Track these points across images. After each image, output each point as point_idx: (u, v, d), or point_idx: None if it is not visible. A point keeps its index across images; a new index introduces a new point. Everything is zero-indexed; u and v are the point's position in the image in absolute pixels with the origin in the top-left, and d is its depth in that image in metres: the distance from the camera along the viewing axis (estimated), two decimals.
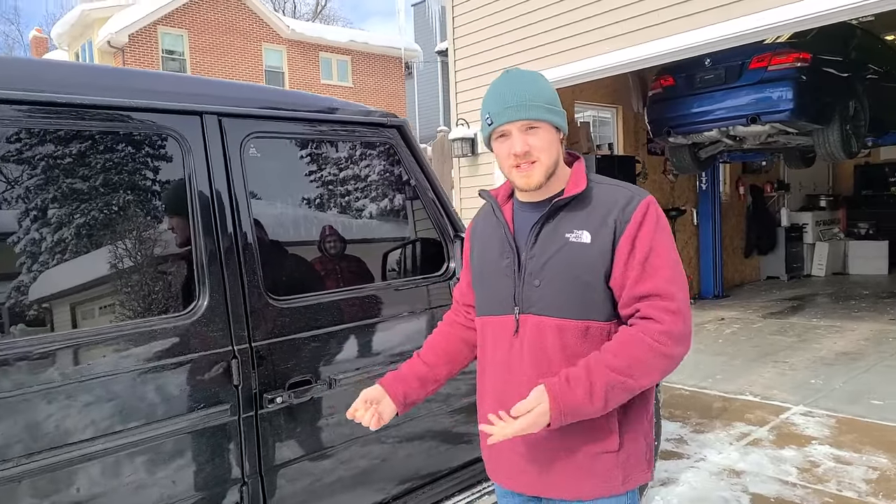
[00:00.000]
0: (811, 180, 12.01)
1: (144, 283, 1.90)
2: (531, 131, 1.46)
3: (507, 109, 1.45)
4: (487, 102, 1.51)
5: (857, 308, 8.12)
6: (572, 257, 1.45)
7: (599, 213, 1.46)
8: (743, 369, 5.66)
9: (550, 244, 1.47)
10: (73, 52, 19.74)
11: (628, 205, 1.45)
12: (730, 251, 10.23)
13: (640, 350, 1.38)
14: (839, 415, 4.38)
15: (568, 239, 1.46)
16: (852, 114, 6.61)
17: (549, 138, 1.47)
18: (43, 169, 1.75)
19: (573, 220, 1.47)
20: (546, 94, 1.49)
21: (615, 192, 1.49)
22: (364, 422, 1.61)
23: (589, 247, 1.44)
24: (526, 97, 1.45)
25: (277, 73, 19.92)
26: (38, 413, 1.64)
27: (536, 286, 1.48)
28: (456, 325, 1.78)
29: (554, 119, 1.48)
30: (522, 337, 1.50)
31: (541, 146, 1.46)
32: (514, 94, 1.46)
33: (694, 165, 7.85)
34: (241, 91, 2.26)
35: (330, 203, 2.40)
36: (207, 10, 18.42)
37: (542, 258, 1.48)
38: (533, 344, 1.48)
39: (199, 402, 1.91)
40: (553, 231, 1.48)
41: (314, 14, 33.40)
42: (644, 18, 5.47)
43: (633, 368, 1.37)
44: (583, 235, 1.45)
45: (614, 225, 1.43)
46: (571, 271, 1.45)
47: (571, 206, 1.48)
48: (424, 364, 1.72)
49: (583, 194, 1.48)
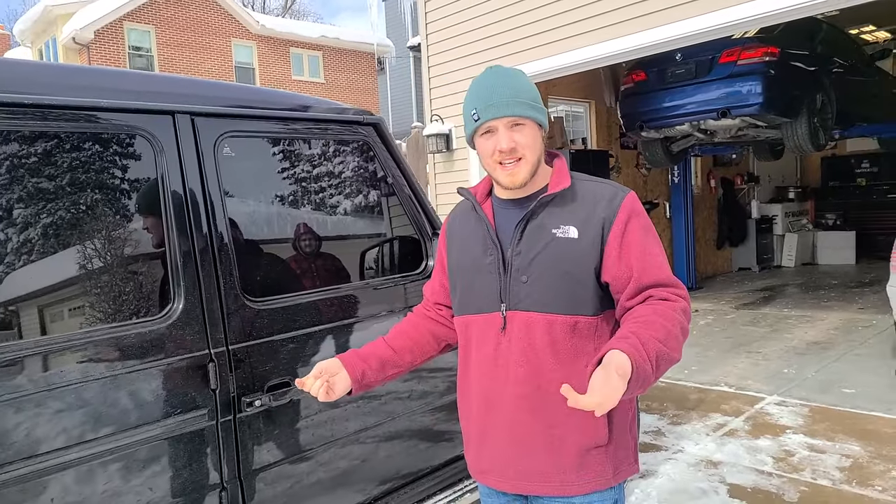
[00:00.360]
0: (780, 172, 12.25)
1: (118, 286, 1.85)
2: (517, 128, 1.46)
3: (494, 106, 1.45)
4: (472, 98, 1.50)
5: (827, 298, 8.31)
6: (560, 252, 1.45)
7: (585, 208, 1.47)
8: (717, 360, 5.75)
9: (537, 240, 1.47)
10: (37, 49, 19.23)
11: (613, 200, 1.47)
12: (702, 243, 10.39)
13: (671, 324, 1.36)
14: (812, 404, 4.47)
15: (555, 234, 1.46)
16: (819, 107, 6.75)
17: (533, 135, 1.48)
18: (9, 171, 1.70)
19: (559, 215, 1.48)
20: (530, 91, 1.49)
21: (598, 188, 1.52)
22: (312, 391, 1.52)
23: (577, 241, 1.45)
24: (512, 94, 1.45)
25: (248, 70, 19.65)
26: (6, 422, 1.59)
27: (524, 282, 1.47)
28: (426, 318, 1.76)
29: (538, 116, 1.48)
30: (510, 334, 1.49)
31: (526, 143, 1.46)
32: (501, 90, 1.45)
33: (666, 159, 7.94)
34: (215, 90, 2.22)
35: (306, 202, 2.37)
36: (175, 6, 18.08)
37: (529, 254, 1.47)
38: (521, 340, 1.48)
39: (176, 408, 1.87)
40: (539, 227, 1.48)
41: (284, 9, 33.02)
42: (616, 14, 5.51)
43: (668, 340, 1.34)
44: (570, 230, 1.46)
45: (602, 221, 1.45)
46: (560, 266, 1.45)
47: (556, 203, 1.49)
48: (390, 347, 1.68)
49: (567, 190, 1.49)
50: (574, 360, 1.46)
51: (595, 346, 1.47)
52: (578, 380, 1.45)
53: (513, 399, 1.49)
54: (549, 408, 1.46)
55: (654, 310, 1.39)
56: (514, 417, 1.50)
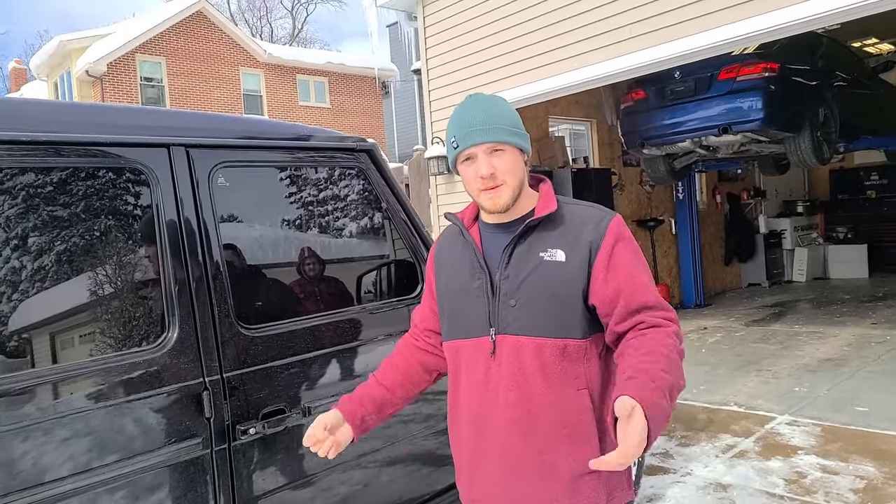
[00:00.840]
0: (787, 186, 12.18)
1: (113, 316, 1.87)
2: (496, 154, 1.47)
3: (473, 132, 1.47)
4: (452, 126, 1.53)
5: (839, 313, 8.20)
6: (548, 276, 1.46)
7: (572, 232, 1.48)
8: (727, 379, 5.68)
9: (525, 264, 1.48)
10: (52, 83, 19.63)
11: (600, 224, 1.48)
12: (710, 259, 10.32)
13: (670, 351, 1.36)
14: (824, 423, 4.39)
15: (542, 258, 1.47)
16: (822, 121, 6.73)
17: (513, 160, 1.49)
18: (8, 205, 1.73)
19: (546, 239, 1.48)
20: (509, 118, 1.51)
21: (585, 211, 1.52)
22: (321, 453, 1.56)
23: (564, 265, 1.45)
24: (490, 120, 1.47)
25: (255, 97, 19.93)
26: (7, 452, 1.60)
27: (512, 306, 1.48)
28: (414, 349, 1.75)
29: (518, 141, 1.49)
30: (500, 358, 1.49)
31: (505, 168, 1.47)
32: (479, 118, 1.47)
33: (669, 176, 7.94)
34: (209, 122, 2.26)
35: (301, 229, 2.39)
36: (185, 38, 18.44)
37: (517, 278, 1.48)
38: (511, 364, 1.47)
39: (171, 437, 1.87)
40: (526, 251, 1.49)
41: (291, 37, 33.55)
42: (613, 34, 5.56)
43: (671, 369, 1.33)
44: (557, 254, 1.46)
45: (589, 245, 1.45)
46: (548, 290, 1.45)
47: (543, 226, 1.50)
48: (381, 386, 1.68)
49: (553, 214, 1.50)
50: (564, 383, 1.45)
51: (585, 370, 1.46)
52: (569, 404, 1.45)
53: (503, 424, 1.48)
54: (540, 433, 1.46)
55: (651, 339, 1.38)
56: (505, 443, 1.49)
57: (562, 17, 5.93)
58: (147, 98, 17.68)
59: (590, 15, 5.71)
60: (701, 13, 5.03)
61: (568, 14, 5.87)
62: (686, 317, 8.79)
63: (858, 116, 7.44)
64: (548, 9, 6.02)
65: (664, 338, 1.38)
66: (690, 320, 8.48)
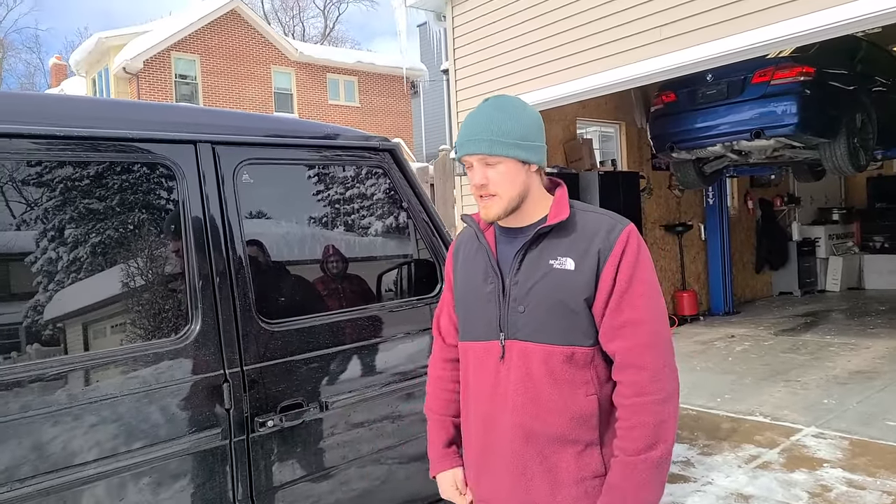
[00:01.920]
0: (822, 193, 11.90)
1: (138, 307, 1.92)
2: (491, 165, 1.48)
3: (468, 142, 1.48)
4: (460, 130, 1.55)
5: (873, 325, 7.98)
6: (557, 283, 1.46)
7: (583, 240, 1.47)
8: (753, 389, 5.57)
9: (535, 270, 1.48)
10: (90, 79, 20.14)
11: (611, 233, 1.46)
12: (740, 266, 10.14)
13: (648, 415, 1.40)
14: (852, 436, 4.28)
15: (552, 266, 1.47)
16: (860, 126, 6.56)
17: (510, 173, 1.47)
18: (43, 197, 1.79)
19: (557, 247, 1.48)
20: (516, 129, 1.47)
21: (598, 220, 1.51)
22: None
23: (573, 273, 1.45)
24: (489, 131, 1.46)
25: (286, 95, 20.17)
26: (31, 437, 1.66)
27: (521, 312, 1.48)
28: (446, 380, 1.74)
29: (518, 154, 1.47)
30: (509, 363, 1.50)
31: (499, 181, 1.47)
32: (480, 127, 1.47)
33: (699, 180, 7.81)
34: (235, 119, 2.30)
35: (322, 227, 2.42)
36: (219, 36, 18.75)
37: (526, 284, 1.48)
38: (519, 370, 1.48)
39: (191, 427, 1.91)
40: (537, 257, 1.49)
41: (322, 36, 33.89)
42: (644, 35, 5.50)
43: (659, 435, 1.41)
44: (567, 262, 1.46)
45: (598, 254, 1.45)
46: (556, 297, 1.46)
47: (555, 233, 1.49)
48: (452, 419, 1.72)
49: (566, 222, 1.49)
50: (572, 389, 1.46)
51: (593, 376, 1.47)
52: (576, 409, 1.46)
53: (510, 427, 1.49)
54: (547, 437, 1.46)
55: (632, 410, 1.41)
56: (512, 446, 1.50)
57: (591, 19, 5.88)
58: (181, 95, 18.03)
59: (619, 17, 5.66)
60: (733, 15, 4.95)
61: (597, 15, 5.83)
62: (713, 324, 8.65)
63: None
64: (577, 10, 5.98)
65: (643, 407, 1.40)
66: (718, 328, 8.35)
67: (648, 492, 1.41)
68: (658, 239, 8.76)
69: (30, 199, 1.78)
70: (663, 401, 1.41)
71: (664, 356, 1.43)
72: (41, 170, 1.80)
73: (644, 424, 1.40)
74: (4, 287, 1.78)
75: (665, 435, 1.41)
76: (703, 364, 6.56)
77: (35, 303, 1.75)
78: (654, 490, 1.42)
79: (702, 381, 5.85)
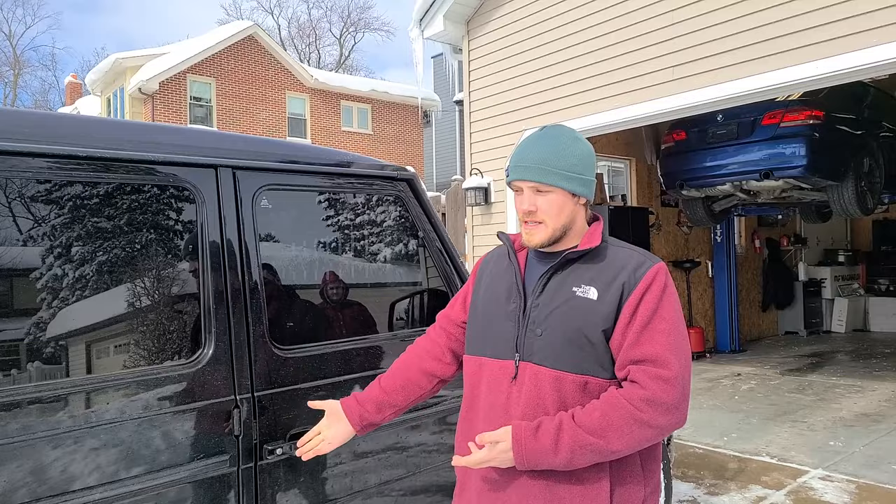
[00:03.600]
0: (829, 235, 11.91)
1: (151, 330, 1.92)
2: (541, 193, 1.49)
3: (521, 168, 1.50)
4: (513, 153, 1.57)
5: (879, 367, 7.92)
6: (576, 311, 1.46)
7: (609, 273, 1.47)
8: (759, 428, 5.52)
9: (557, 295, 1.49)
10: (105, 98, 20.42)
11: (638, 269, 1.46)
12: (746, 304, 10.10)
13: (617, 414, 1.37)
14: (860, 480, 4.23)
15: (574, 293, 1.47)
16: (867, 170, 6.61)
17: (559, 203, 1.49)
18: (64, 216, 1.81)
19: (583, 275, 1.48)
20: (568, 160, 1.49)
21: (628, 255, 1.51)
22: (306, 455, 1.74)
23: (594, 304, 1.45)
24: (542, 160, 1.48)
25: (300, 121, 20.40)
26: (37, 459, 1.65)
27: (538, 335, 1.48)
28: (424, 357, 1.78)
29: (568, 185, 1.49)
30: (521, 384, 1.49)
31: (547, 209, 1.49)
32: (533, 154, 1.49)
33: (708, 218, 7.84)
34: (255, 145, 2.33)
35: (338, 253, 2.43)
36: (235, 60, 19.05)
37: (546, 308, 1.49)
38: (530, 392, 1.48)
39: (199, 452, 1.90)
40: (561, 283, 1.49)
41: (337, 64, 34.41)
42: (657, 75, 5.57)
43: (606, 431, 1.37)
44: (590, 292, 1.46)
45: (622, 287, 1.44)
46: (573, 324, 1.45)
47: (583, 262, 1.50)
48: (382, 390, 1.76)
49: (595, 251, 1.50)
50: None
51: None
52: None
53: None
54: (551, 476, 1.44)
55: (610, 397, 1.40)
56: (517, 473, 1.48)
57: (604, 57, 5.97)
58: (195, 117, 18.26)
59: (631, 56, 5.74)
60: (743, 59, 5.02)
61: (610, 54, 5.92)
62: (720, 362, 8.59)
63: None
64: (591, 48, 6.08)
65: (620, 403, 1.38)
66: (724, 366, 8.28)
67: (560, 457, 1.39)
68: None
69: (50, 218, 1.80)
70: (647, 424, 1.36)
71: (677, 395, 1.39)
72: (63, 189, 1.82)
73: (613, 426, 1.37)
74: (34, 302, 1.79)
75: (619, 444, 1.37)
76: (710, 402, 6.50)
77: (48, 322, 1.75)
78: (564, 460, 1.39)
79: (709, 420, 5.79)
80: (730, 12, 5.10)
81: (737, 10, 5.06)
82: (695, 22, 5.32)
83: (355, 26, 35.98)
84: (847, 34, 4.49)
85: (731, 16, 5.09)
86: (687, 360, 1.43)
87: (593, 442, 1.37)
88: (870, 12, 4.38)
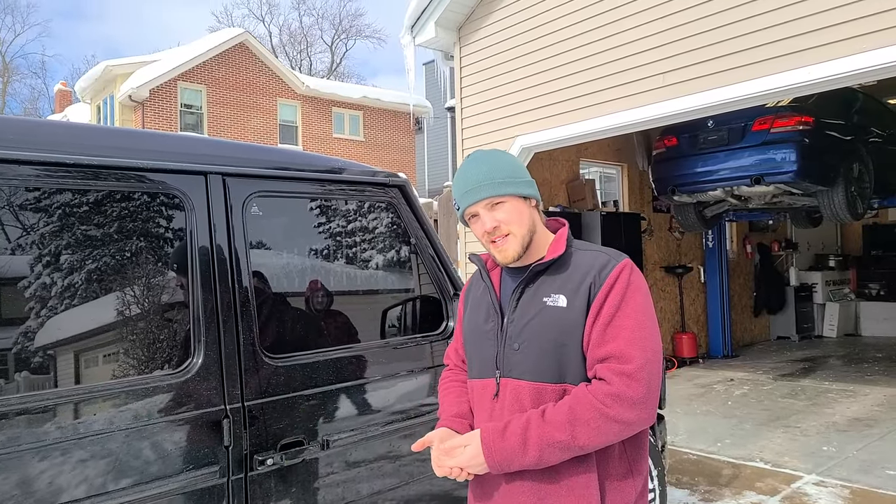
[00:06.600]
0: (819, 240, 11.98)
1: (140, 339, 1.90)
2: (497, 207, 1.51)
3: (467, 193, 1.52)
4: (454, 189, 1.59)
5: (871, 371, 7.95)
6: (549, 321, 1.46)
7: (577, 277, 1.48)
8: (753, 434, 5.52)
9: (529, 308, 1.50)
10: (95, 106, 20.32)
11: (604, 269, 1.46)
12: (738, 309, 10.13)
13: (584, 410, 1.36)
14: (853, 485, 4.23)
15: (545, 303, 1.48)
16: (857, 176, 6.65)
17: (517, 209, 1.51)
18: (51, 224, 1.78)
19: (552, 284, 1.49)
20: (506, 169, 1.53)
21: (594, 257, 1.51)
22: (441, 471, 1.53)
23: (565, 311, 1.45)
24: (482, 177, 1.50)
25: (291, 128, 20.37)
26: (26, 470, 1.62)
27: (516, 350, 1.49)
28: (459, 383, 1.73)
29: (517, 190, 1.52)
30: (502, 400, 1.50)
31: (509, 219, 1.50)
32: (473, 176, 1.52)
33: (699, 223, 7.87)
34: (246, 152, 2.31)
35: (329, 261, 2.41)
36: (226, 67, 19.01)
37: (521, 322, 1.50)
38: (512, 408, 1.48)
39: (189, 463, 1.88)
40: (532, 295, 1.50)
41: (329, 71, 34.42)
42: (648, 81, 5.59)
43: (574, 428, 1.36)
44: (559, 299, 1.47)
45: (589, 289, 1.45)
46: (548, 334, 1.46)
47: (551, 271, 1.51)
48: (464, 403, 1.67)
49: (561, 259, 1.50)
50: None
51: None
52: None
53: None
54: (539, 477, 1.45)
55: (578, 394, 1.39)
56: (506, 487, 1.49)
57: (595, 63, 5.99)
58: (186, 124, 18.19)
59: (623, 62, 5.76)
60: (735, 65, 5.04)
61: (601, 60, 5.93)
62: (713, 367, 8.60)
63: (894, 173, 7.33)
64: (582, 55, 6.10)
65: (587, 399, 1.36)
66: (717, 371, 8.29)
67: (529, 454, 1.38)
68: (658, 280, 8.78)
69: (38, 226, 1.77)
70: (613, 419, 1.35)
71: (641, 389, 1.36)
72: (51, 197, 1.79)
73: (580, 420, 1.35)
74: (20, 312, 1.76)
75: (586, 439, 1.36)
76: (704, 408, 6.50)
77: (36, 331, 1.73)
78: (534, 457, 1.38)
79: (702, 425, 5.79)
80: (719, 19, 5.13)
81: (726, 18, 5.08)
82: (684, 29, 5.34)
83: (347, 33, 36.09)
84: (836, 40, 4.52)
85: (721, 23, 5.12)
86: (653, 354, 1.40)
87: (561, 439, 1.36)
88: (859, 18, 4.41)
